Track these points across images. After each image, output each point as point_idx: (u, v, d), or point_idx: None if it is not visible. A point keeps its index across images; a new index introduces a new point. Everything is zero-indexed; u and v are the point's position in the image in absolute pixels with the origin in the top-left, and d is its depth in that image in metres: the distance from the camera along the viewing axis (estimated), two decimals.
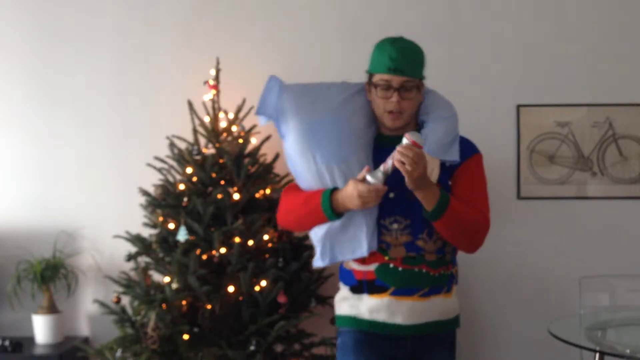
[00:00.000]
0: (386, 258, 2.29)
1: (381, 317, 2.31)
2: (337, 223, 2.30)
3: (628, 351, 2.72)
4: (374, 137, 2.37)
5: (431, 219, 2.23)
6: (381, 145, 2.34)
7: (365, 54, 2.43)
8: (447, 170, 2.32)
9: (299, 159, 2.33)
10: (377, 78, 2.30)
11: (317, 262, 2.39)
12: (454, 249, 2.38)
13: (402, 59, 2.27)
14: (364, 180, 2.20)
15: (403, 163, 2.11)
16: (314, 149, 2.30)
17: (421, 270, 2.28)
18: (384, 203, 2.27)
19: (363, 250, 2.29)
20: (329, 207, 2.26)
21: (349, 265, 2.37)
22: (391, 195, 2.27)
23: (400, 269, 2.28)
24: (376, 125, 2.39)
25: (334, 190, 2.28)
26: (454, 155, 2.31)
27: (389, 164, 2.17)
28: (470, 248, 2.37)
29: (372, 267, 2.31)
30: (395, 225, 2.29)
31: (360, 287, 2.34)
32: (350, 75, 2.55)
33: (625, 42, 3.85)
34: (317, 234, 2.37)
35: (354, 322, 2.36)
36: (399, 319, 2.30)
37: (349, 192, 2.21)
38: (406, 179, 2.14)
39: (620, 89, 3.83)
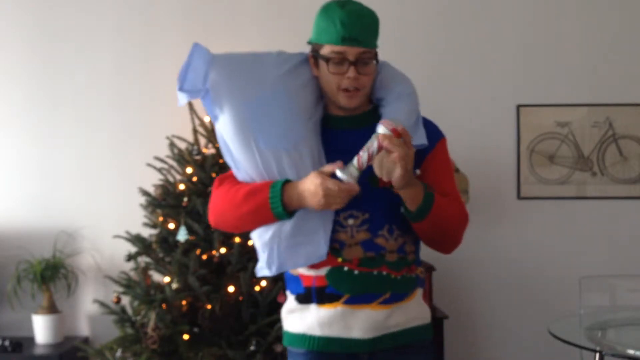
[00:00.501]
0: (339, 260, 1.90)
1: (334, 331, 1.91)
2: (287, 223, 1.89)
3: (632, 352, 2.70)
4: (321, 118, 1.98)
5: (415, 219, 1.87)
6: (329, 128, 1.96)
7: None
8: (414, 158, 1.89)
9: (237, 144, 1.91)
10: (327, 50, 1.90)
11: (262, 271, 1.96)
12: (417, 248, 2.01)
13: (357, 25, 1.87)
14: (332, 176, 1.81)
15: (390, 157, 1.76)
16: (256, 131, 1.88)
17: (381, 273, 1.90)
18: None
19: (321, 255, 1.88)
20: (280, 203, 1.85)
21: (295, 269, 1.97)
22: None
23: (356, 272, 1.89)
24: (323, 104, 1.99)
25: (286, 182, 1.87)
26: (421, 139, 1.92)
27: (363, 157, 1.78)
28: (450, 248, 2.01)
29: (322, 271, 1.91)
30: (350, 221, 1.90)
31: (307, 295, 1.94)
32: None
33: (625, 42, 3.85)
34: (262, 237, 1.95)
35: (304, 341, 1.96)
36: (356, 333, 1.90)
37: (312, 189, 1.81)
38: (396, 178, 1.78)
39: (620, 89, 3.84)
